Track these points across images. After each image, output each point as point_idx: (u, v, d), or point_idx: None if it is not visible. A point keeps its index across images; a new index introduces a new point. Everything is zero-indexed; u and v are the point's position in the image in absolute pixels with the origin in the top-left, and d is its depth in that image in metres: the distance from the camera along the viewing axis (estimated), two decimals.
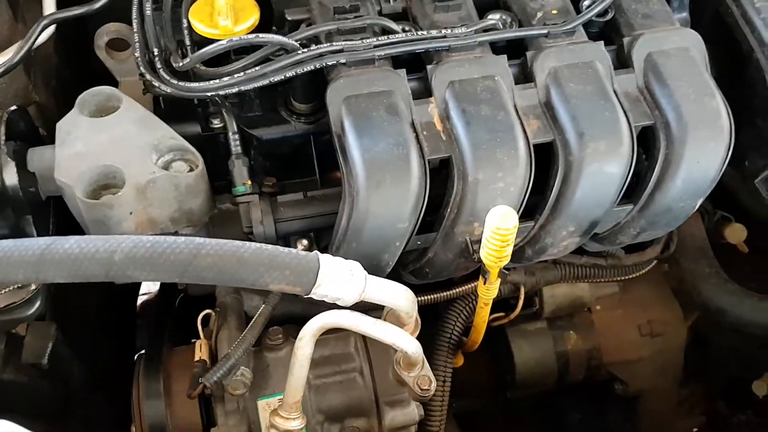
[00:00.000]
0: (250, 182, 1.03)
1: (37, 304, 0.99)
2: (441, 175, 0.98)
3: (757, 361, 1.33)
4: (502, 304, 1.29)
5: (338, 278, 0.80)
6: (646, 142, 1.03)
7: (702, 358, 1.41)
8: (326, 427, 1.01)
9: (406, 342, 0.89)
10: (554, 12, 1.07)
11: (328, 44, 1.00)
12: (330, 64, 0.99)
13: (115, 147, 0.99)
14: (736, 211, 1.29)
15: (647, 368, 1.36)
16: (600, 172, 0.97)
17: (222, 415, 0.98)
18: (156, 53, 1.04)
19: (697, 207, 1.04)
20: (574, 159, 0.96)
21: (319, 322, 0.88)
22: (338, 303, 0.82)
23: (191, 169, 1.02)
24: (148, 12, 1.06)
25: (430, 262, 1.05)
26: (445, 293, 1.17)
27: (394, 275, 1.04)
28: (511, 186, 0.95)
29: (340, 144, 0.95)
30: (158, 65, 1.02)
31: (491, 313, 1.13)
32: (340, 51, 0.99)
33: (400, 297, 0.87)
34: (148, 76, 1.02)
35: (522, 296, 1.21)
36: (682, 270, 1.28)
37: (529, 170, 0.96)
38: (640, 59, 1.03)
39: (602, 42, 1.04)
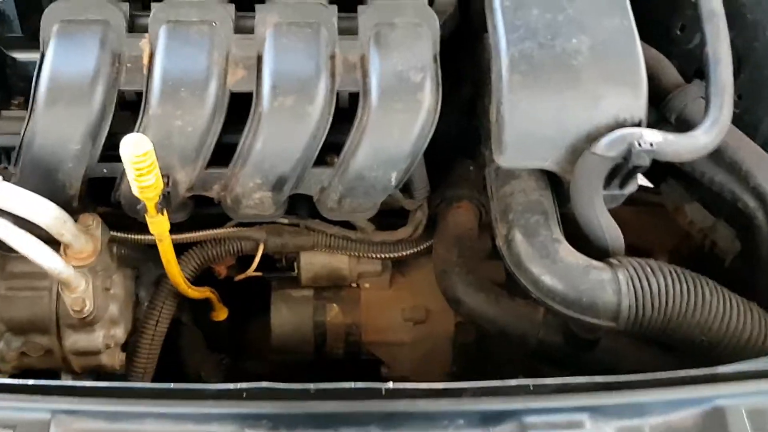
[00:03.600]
0: None
1: None
2: None
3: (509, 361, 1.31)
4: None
5: None
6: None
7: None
8: (7, 337, 1.05)
9: (45, 258, 0.92)
10: None
11: None
12: None
13: None
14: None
15: (409, 354, 1.35)
16: (284, 126, 0.98)
17: None
18: None
19: (393, 180, 1.03)
20: (262, 110, 0.98)
21: None
22: None
23: None
24: None
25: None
26: (181, 236, 1.18)
27: None
28: (189, 126, 0.97)
29: (39, 62, 0.99)
30: None
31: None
32: None
33: (37, 209, 0.90)
34: None
35: (259, 253, 1.23)
36: (436, 257, 1.27)
37: (216, 115, 0.98)
38: (367, 28, 1.04)
39: (335, 6, 1.06)
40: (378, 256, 1.26)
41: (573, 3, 1.02)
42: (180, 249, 1.17)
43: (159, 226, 0.97)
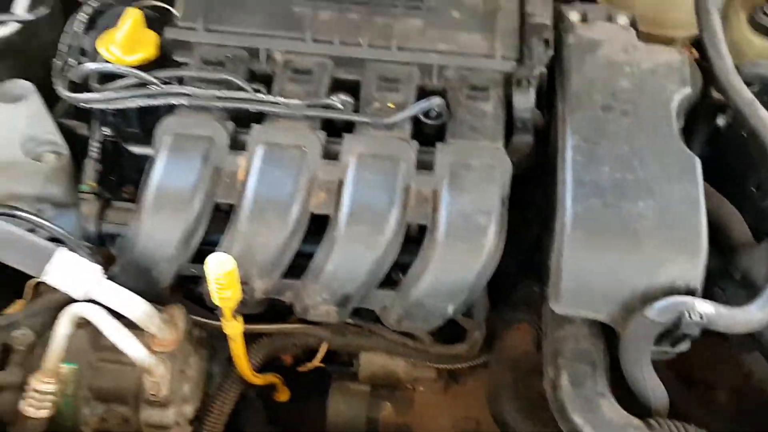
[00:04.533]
0: (95, 184, 1.23)
1: None
2: None
3: None
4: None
5: (67, 272, 0.96)
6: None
7: None
8: (92, 404, 1.17)
9: (132, 349, 1.04)
10: (391, 105, 1.19)
11: (180, 87, 1.18)
12: (175, 102, 1.17)
13: (1, 129, 1.22)
14: None
15: None
16: (353, 252, 1.07)
17: (10, 363, 1.17)
18: (70, 63, 1.27)
19: (450, 310, 1.10)
20: (337, 234, 1.07)
21: (72, 309, 1.05)
22: (71, 294, 0.99)
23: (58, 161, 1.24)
24: (75, 29, 1.30)
25: None
26: (253, 326, 1.28)
27: None
28: (270, 242, 1.07)
29: (149, 168, 1.12)
30: (64, 72, 1.25)
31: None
32: (186, 95, 1.17)
33: (129, 307, 1.02)
34: (53, 79, 1.25)
35: (323, 350, 1.31)
36: (490, 375, 1.31)
37: (296, 233, 1.08)
38: (443, 165, 1.12)
39: (415, 142, 1.15)
40: (434, 365, 1.32)
41: (644, 165, 1.06)
42: (250, 336, 1.28)
43: (233, 329, 1.08)
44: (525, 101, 1.18)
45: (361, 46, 1.25)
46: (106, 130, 1.29)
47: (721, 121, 1.26)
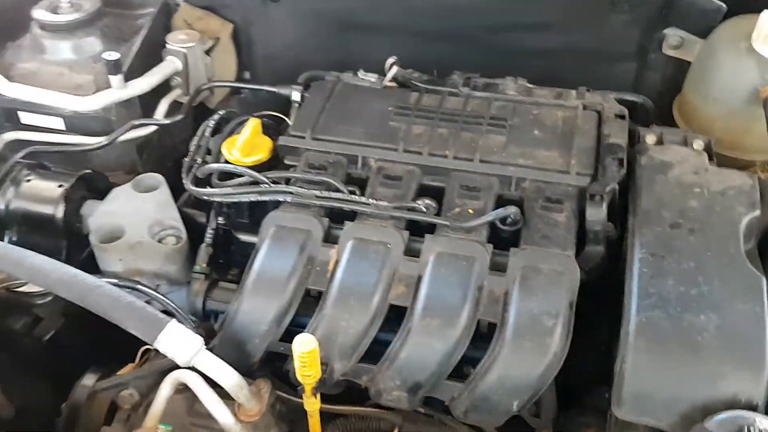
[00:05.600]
0: (206, 266, 1.39)
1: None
2: None
3: None
4: None
5: (175, 342, 1.11)
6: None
7: None
8: None
9: (221, 415, 1.15)
10: (471, 211, 1.30)
11: (286, 186, 1.35)
12: (281, 199, 1.34)
13: (132, 214, 1.43)
14: None
15: None
16: (426, 343, 1.16)
17: (115, 420, 1.31)
18: (196, 161, 1.48)
19: (515, 407, 1.14)
20: (412, 326, 1.17)
21: (174, 375, 1.18)
22: (176, 361, 1.13)
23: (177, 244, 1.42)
24: (204, 133, 1.51)
25: None
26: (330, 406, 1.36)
27: None
28: (352, 327, 1.18)
29: (253, 254, 1.27)
30: (191, 170, 1.46)
31: None
32: (290, 193, 1.33)
33: (223, 376, 1.14)
34: (182, 174, 1.45)
35: None
36: None
37: (375, 321, 1.19)
38: (515, 268, 1.21)
39: (490, 245, 1.24)
40: None
41: (709, 281, 1.11)
42: (328, 415, 1.37)
43: (312, 405, 1.17)
44: (597, 214, 1.26)
45: (447, 157, 1.39)
46: (221, 220, 1.47)
47: None
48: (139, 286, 1.35)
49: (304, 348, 1.08)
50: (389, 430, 1.39)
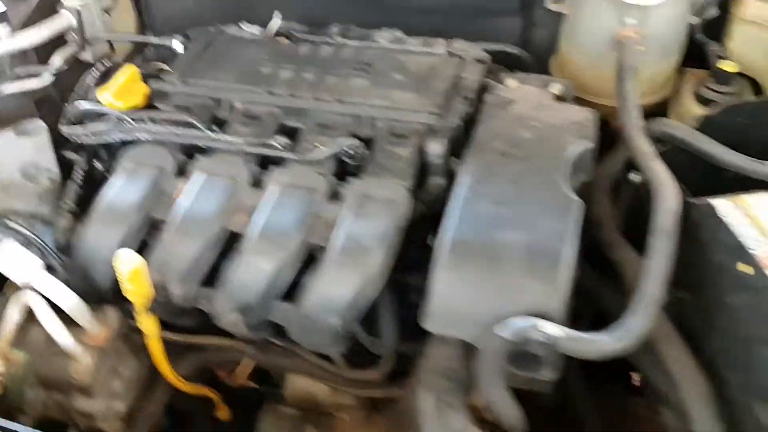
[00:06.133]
0: (72, 204, 1.44)
1: None
2: None
3: None
4: None
5: (11, 261, 1.16)
6: None
7: None
8: (37, 390, 1.31)
9: (60, 335, 1.20)
10: (318, 146, 1.34)
11: (147, 125, 1.40)
12: (141, 138, 1.39)
13: (7, 156, 1.47)
14: None
15: None
16: (254, 264, 1.20)
17: None
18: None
19: (336, 324, 1.18)
20: (243, 248, 1.21)
21: (18, 295, 1.23)
22: (13, 280, 1.18)
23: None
24: (87, 82, 1.57)
25: None
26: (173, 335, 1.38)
27: None
28: (188, 252, 1.22)
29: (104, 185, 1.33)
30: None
31: None
32: (148, 131, 1.38)
33: (62, 298, 1.19)
34: (60, 118, 1.51)
35: (247, 366, 1.41)
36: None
37: (213, 247, 1.23)
38: (352, 197, 1.25)
39: (333, 177, 1.29)
40: (350, 391, 1.39)
41: (523, 203, 1.15)
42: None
43: (147, 326, 1.22)
44: (436, 147, 1.30)
45: (307, 99, 1.43)
46: (98, 164, 1.52)
47: (635, 177, 1.32)
48: (12, 224, 1.40)
49: (128, 266, 1.12)
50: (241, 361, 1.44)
